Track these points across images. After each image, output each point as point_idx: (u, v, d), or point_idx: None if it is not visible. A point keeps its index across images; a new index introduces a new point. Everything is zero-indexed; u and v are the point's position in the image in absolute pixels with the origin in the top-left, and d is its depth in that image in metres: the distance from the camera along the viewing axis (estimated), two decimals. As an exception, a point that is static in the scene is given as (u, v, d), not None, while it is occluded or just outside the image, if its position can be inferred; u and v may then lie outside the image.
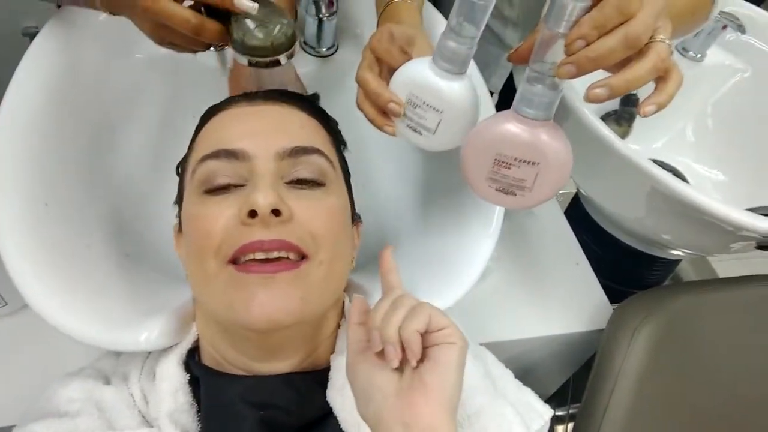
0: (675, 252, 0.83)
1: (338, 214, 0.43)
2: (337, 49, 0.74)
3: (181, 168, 0.47)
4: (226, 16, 0.45)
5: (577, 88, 0.65)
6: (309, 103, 0.49)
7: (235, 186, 0.40)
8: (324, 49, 0.72)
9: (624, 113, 0.85)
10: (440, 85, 0.41)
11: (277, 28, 0.45)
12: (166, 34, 0.47)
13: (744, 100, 0.85)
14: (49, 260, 0.43)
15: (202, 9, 0.45)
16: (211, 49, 0.50)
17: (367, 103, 0.46)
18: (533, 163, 0.39)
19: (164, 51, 0.61)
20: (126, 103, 0.62)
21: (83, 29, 0.58)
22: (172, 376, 0.40)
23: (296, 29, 0.48)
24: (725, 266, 1.20)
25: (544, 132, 0.38)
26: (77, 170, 0.53)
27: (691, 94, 0.87)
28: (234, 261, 0.37)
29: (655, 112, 0.38)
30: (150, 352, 0.43)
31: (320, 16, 0.68)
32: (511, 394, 0.47)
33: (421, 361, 0.34)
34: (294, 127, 0.44)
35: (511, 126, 0.38)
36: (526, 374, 0.48)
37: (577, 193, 0.95)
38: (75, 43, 0.57)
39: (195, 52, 0.49)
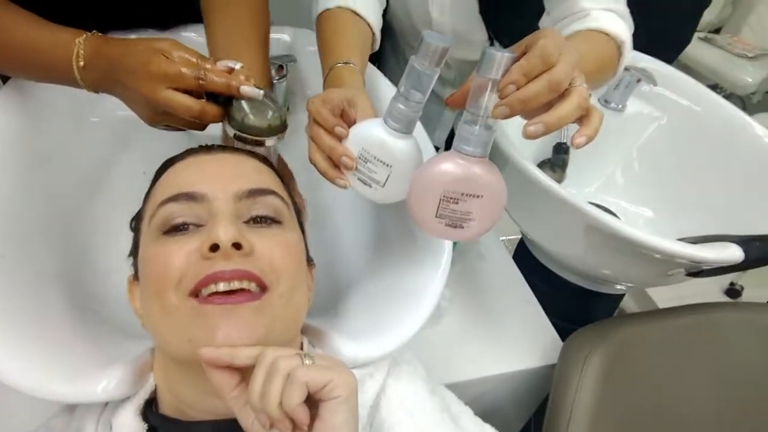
0: (617, 286, 0.88)
1: (296, 249, 0.44)
2: (288, 109, 0.78)
3: (136, 220, 0.48)
4: (223, 98, 0.49)
5: (513, 139, 0.71)
6: (262, 156, 0.51)
7: (195, 226, 0.42)
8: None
9: (557, 161, 0.92)
10: (390, 143, 0.46)
11: (270, 113, 0.50)
12: (164, 118, 0.49)
13: (663, 144, 0.94)
14: (4, 317, 0.43)
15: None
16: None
17: (319, 157, 0.49)
18: (477, 196, 0.43)
19: (119, 114, 0.63)
20: (82, 163, 0.63)
21: (39, 92, 0.59)
22: (129, 426, 0.40)
23: (287, 115, 0.53)
24: (663, 297, 1.27)
25: (482, 167, 0.42)
26: (34, 225, 0.53)
27: (617, 141, 0.95)
28: (195, 294, 0.38)
29: (586, 144, 0.43)
30: (106, 404, 0.42)
31: (271, 80, 0.72)
32: (471, 429, 0.48)
33: (312, 421, 0.33)
34: (250, 171, 0.47)
35: (454, 163, 0.42)
36: (487, 416, 0.50)
37: (522, 237, 1.00)
38: (32, 104, 0.58)
39: (187, 130, 0.52)
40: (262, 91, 0.49)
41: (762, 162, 0.83)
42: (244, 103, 0.49)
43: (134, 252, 0.46)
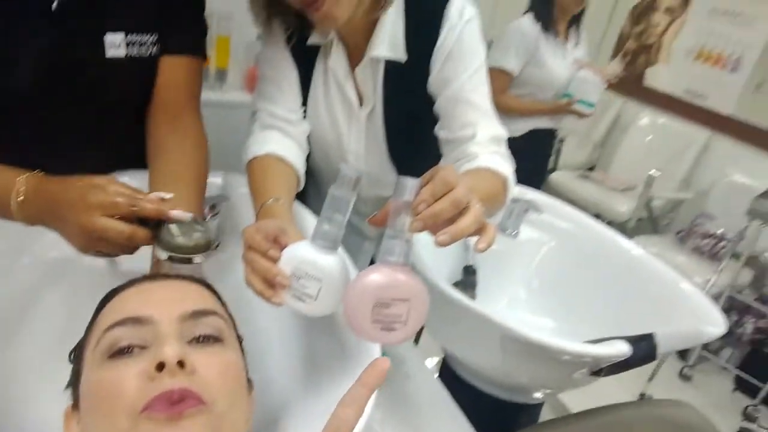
0: (536, 395, 0.94)
1: (236, 368, 0.47)
2: (218, 245, 0.83)
3: (78, 350, 0.49)
4: (153, 223, 0.55)
5: (429, 265, 0.80)
6: (204, 281, 0.56)
7: (140, 348, 0.44)
8: (207, 246, 0.81)
9: (467, 282, 1.02)
10: (319, 258, 0.53)
11: (198, 234, 0.56)
12: (97, 244, 0.54)
13: (555, 263, 1.08)
14: None
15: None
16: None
17: (255, 279, 0.54)
18: (405, 300, 0.50)
19: (52, 255, 0.66)
20: (13, 302, 0.63)
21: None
22: None
23: (212, 235, 0.59)
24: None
25: (406, 274, 0.50)
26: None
27: (516, 263, 1.08)
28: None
29: (486, 249, 0.53)
30: None
31: (203, 218, 0.78)
32: None
33: None
34: (192, 294, 0.50)
35: (382, 272, 0.50)
36: None
37: (445, 357, 1.05)
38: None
39: (118, 255, 0.57)
40: (190, 215, 0.55)
41: (635, 272, 0.97)
42: (172, 226, 0.55)
43: (75, 381, 0.47)
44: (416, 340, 1.33)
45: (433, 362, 1.28)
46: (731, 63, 2.90)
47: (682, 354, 2.39)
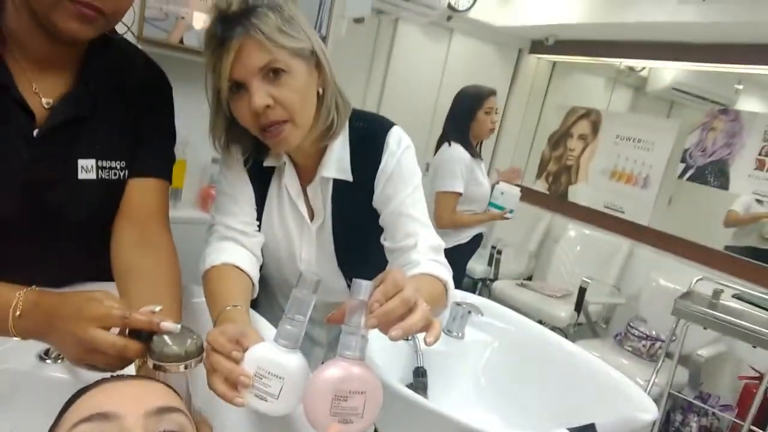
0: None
1: None
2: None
3: None
4: (144, 335, 0.58)
5: (385, 368, 0.84)
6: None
7: None
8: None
9: (418, 384, 1.04)
10: (282, 357, 0.56)
11: (190, 341, 0.58)
12: (91, 356, 0.55)
13: (500, 362, 1.13)
14: None
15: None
16: None
17: (218, 383, 0.57)
18: (361, 392, 0.53)
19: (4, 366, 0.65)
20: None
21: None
22: None
23: (202, 345, 0.61)
24: None
25: (362, 367, 0.55)
26: None
27: (464, 363, 1.12)
28: None
29: (434, 342, 0.58)
30: None
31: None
32: None
33: None
34: (158, 392, 0.52)
35: (340, 367, 0.54)
36: None
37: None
38: None
39: (114, 370, 0.58)
40: (179, 325, 0.58)
41: (572, 366, 1.04)
42: (164, 336, 0.57)
43: None
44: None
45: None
46: (641, 181, 3.26)
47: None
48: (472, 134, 2.37)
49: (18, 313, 0.57)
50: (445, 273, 0.88)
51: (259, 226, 0.98)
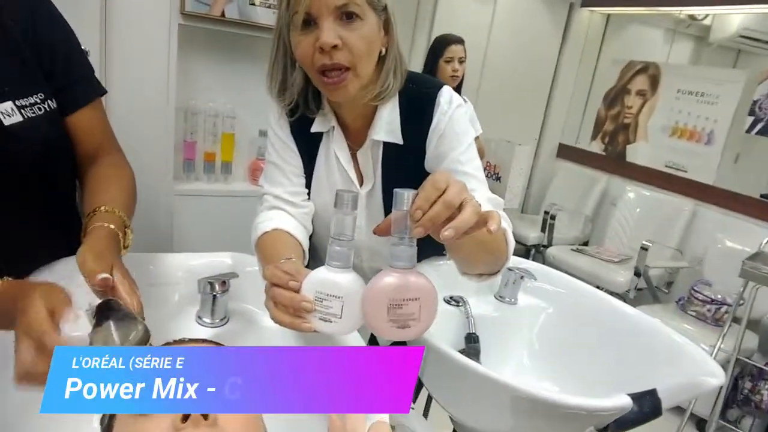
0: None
1: (255, 420, 0.50)
2: (227, 320, 0.86)
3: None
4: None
5: (433, 331, 0.83)
6: None
7: None
8: (217, 321, 0.84)
9: (471, 350, 1.03)
10: (337, 278, 0.57)
11: (133, 334, 0.57)
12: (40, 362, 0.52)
13: (554, 328, 1.10)
14: None
15: None
16: None
17: (282, 314, 0.59)
18: (416, 299, 0.54)
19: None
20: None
21: None
22: None
23: (147, 330, 0.59)
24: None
25: (414, 275, 0.55)
26: None
27: (517, 330, 1.10)
28: None
29: (497, 229, 0.56)
30: None
31: (214, 293, 0.82)
32: None
33: None
34: None
35: (391, 277, 0.55)
36: None
37: (454, 429, 1.05)
38: None
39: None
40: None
41: (630, 331, 1.00)
42: (111, 322, 0.56)
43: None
44: (425, 413, 1.32)
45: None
46: (705, 137, 3.07)
47: (700, 425, 2.32)
48: None
49: None
50: (504, 223, 0.85)
51: (309, 194, 0.98)
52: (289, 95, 0.90)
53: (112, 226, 0.72)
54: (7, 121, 0.74)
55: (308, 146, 0.96)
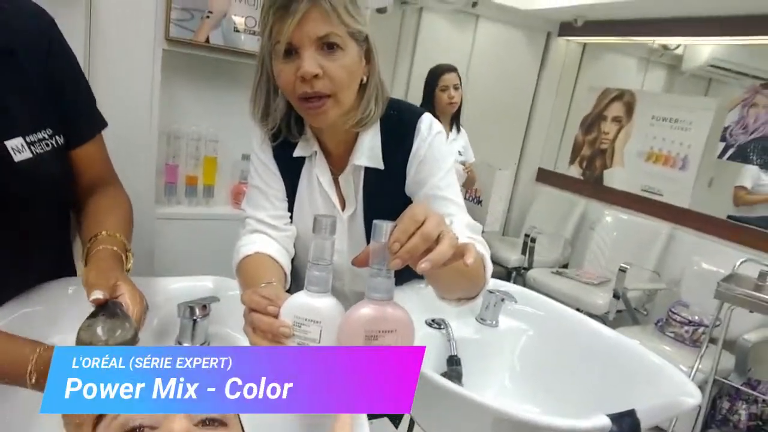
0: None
1: None
2: (207, 345, 0.85)
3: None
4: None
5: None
6: None
7: (150, 429, 0.47)
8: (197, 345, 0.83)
9: (452, 372, 1.04)
10: (315, 302, 0.57)
11: (120, 332, 0.58)
12: None
13: (536, 350, 1.11)
14: None
15: None
16: None
17: (260, 340, 0.59)
18: (392, 331, 0.54)
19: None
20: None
21: None
22: None
23: (136, 333, 0.61)
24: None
25: (392, 307, 0.55)
26: None
27: (499, 352, 1.11)
28: None
29: (474, 263, 0.58)
30: None
31: (194, 318, 0.82)
32: None
33: None
34: None
35: (368, 309, 0.55)
36: None
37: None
38: None
39: None
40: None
41: (609, 352, 1.01)
42: (100, 318, 0.57)
43: None
44: (407, 437, 1.31)
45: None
46: (679, 162, 3.16)
47: (681, 448, 2.33)
48: (437, 110, 2.53)
49: (33, 379, 0.59)
50: (482, 249, 0.86)
51: (291, 218, 0.99)
52: (272, 120, 0.92)
53: (114, 248, 0.74)
54: (17, 158, 0.74)
55: (291, 170, 0.97)
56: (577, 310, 2.44)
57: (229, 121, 1.73)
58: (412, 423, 1.33)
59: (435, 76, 2.57)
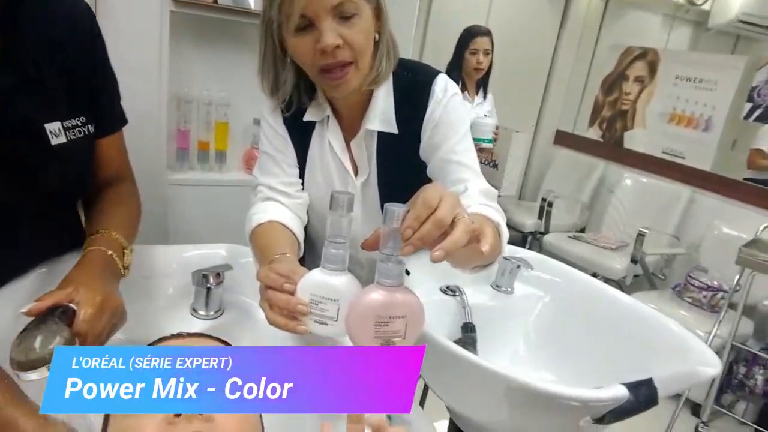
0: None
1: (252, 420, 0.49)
2: (222, 312, 0.86)
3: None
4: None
5: (429, 321, 0.83)
6: None
7: None
8: (212, 313, 0.84)
9: (467, 339, 1.03)
10: (332, 280, 0.56)
11: (55, 341, 0.56)
12: None
13: (551, 317, 1.10)
14: None
15: None
16: None
17: (277, 317, 0.58)
18: (402, 316, 0.53)
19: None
20: None
21: None
22: None
23: (71, 342, 0.59)
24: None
25: (401, 293, 0.54)
26: None
27: (513, 319, 1.10)
28: None
29: (490, 250, 0.56)
30: None
31: (208, 285, 0.82)
32: None
33: None
34: None
35: (378, 294, 0.54)
36: None
37: (451, 418, 1.05)
38: None
39: None
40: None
41: (627, 320, 1.00)
42: (39, 327, 0.56)
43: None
44: (422, 402, 1.32)
45: (441, 426, 1.26)
46: (702, 123, 3.06)
47: (695, 410, 2.34)
48: (464, 72, 2.53)
49: None
50: (497, 216, 0.84)
51: (303, 184, 0.97)
52: (282, 93, 0.89)
53: (105, 249, 0.75)
54: (54, 141, 0.76)
55: (302, 135, 0.95)
56: (594, 275, 2.42)
57: (240, 85, 1.70)
58: (426, 390, 1.34)
59: (467, 38, 2.50)
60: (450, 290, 1.06)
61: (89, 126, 0.82)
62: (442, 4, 3.30)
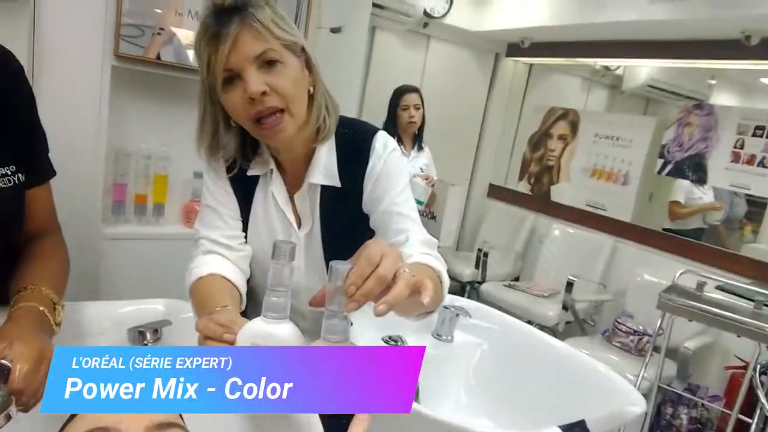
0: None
1: None
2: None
3: None
4: None
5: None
6: None
7: None
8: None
9: (410, 388, 1.05)
10: (273, 329, 0.56)
11: None
12: None
13: (490, 364, 1.14)
14: None
15: None
16: None
17: None
18: None
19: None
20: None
21: None
22: None
23: (4, 399, 0.59)
24: None
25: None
26: None
27: (454, 367, 1.13)
28: None
29: (431, 302, 0.59)
30: None
31: (145, 342, 0.79)
32: None
33: None
34: None
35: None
36: None
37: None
38: None
39: None
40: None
41: (559, 364, 1.05)
42: None
43: None
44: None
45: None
46: (621, 178, 3.31)
47: (629, 454, 2.41)
48: (400, 128, 2.70)
49: None
50: (438, 264, 0.88)
51: (246, 237, 0.98)
52: (226, 153, 0.91)
53: (36, 305, 0.73)
54: None
55: (244, 189, 0.96)
56: (529, 322, 2.50)
57: (180, 138, 1.69)
58: (369, 441, 1.32)
59: (398, 95, 2.69)
60: (392, 340, 1.08)
61: (19, 175, 0.81)
62: (379, 68, 3.47)
